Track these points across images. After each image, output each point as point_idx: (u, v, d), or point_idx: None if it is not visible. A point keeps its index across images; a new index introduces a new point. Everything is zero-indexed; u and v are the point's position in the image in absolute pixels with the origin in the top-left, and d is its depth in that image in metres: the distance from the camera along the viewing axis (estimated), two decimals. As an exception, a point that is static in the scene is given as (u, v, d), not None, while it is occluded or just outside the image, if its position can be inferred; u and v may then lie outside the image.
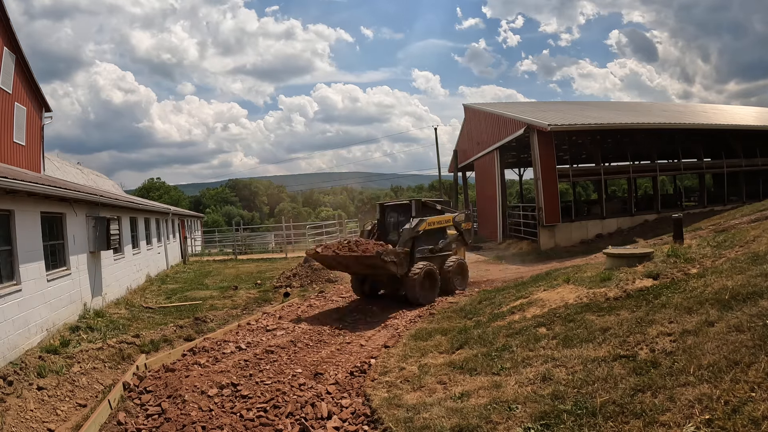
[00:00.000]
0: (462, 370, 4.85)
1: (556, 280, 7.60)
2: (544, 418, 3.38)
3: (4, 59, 13.50)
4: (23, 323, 6.56)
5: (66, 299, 8.23)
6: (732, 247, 6.53)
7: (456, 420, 3.67)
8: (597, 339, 4.59)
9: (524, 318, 6.11)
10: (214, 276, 16.15)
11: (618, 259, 7.09)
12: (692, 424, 2.74)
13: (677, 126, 18.25)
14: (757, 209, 13.19)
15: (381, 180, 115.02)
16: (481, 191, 25.39)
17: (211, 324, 8.93)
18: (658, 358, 3.73)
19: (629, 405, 3.18)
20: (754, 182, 20.06)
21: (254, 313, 9.88)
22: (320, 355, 6.36)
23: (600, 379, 3.68)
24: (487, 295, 8.75)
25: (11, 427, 4.53)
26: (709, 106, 28.83)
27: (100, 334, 7.73)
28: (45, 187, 7.37)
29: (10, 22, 13.71)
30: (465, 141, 26.97)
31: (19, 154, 14.28)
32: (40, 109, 16.17)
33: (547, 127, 15.60)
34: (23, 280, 6.66)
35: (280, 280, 13.61)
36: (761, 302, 3.97)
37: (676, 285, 5.36)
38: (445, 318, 7.58)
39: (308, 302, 10.40)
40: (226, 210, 64.17)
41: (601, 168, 18.92)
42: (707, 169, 20.15)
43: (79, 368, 6.07)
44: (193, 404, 4.83)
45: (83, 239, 9.44)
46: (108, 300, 10.38)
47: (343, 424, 4.23)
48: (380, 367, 5.47)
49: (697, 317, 4.19)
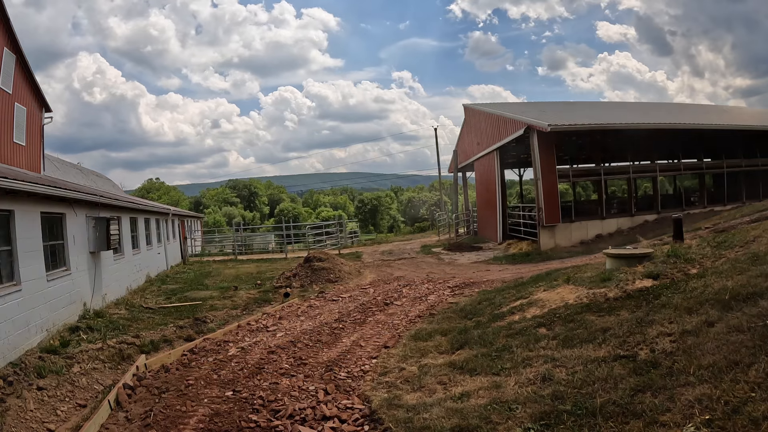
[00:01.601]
0: (462, 370, 4.85)
1: (556, 281, 7.60)
2: (544, 418, 3.38)
3: (4, 59, 13.50)
4: (23, 323, 6.56)
5: (66, 299, 8.22)
6: (732, 248, 6.53)
7: (456, 420, 3.67)
8: (597, 339, 4.59)
9: (524, 318, 6.11)
10: (214, 276, 16.14)
11: (618, 259, 7.09)
12: (692, 424, 2.74)
13: (677, 126, 18.25)
14: (757, 209, 13.20)
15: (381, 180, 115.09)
16: (481, 191, 25.39)
17: (211, 324, 8.93)
18: (658, 359, 3.73)
19: (629, 405, 3.18)
20: (754, 182, 20.07)
21: (254, 313, 9.87)
22: (320, 355, 6.36)
23: (600, 380, 3.68)
24: (487, 295, 8.74)
25: (11, 427, 4.52)
26: (709, 105, 28.84)
27: (100, 335, 7.73)
28: (45, 187, 7.37)
29: (11, 21, 13.72)
30: (465, 141, 26.97)
31: (19, 154, 14.28)
32: (40, 109, 16.18)
33: (546, 128, 15.60)
34: (23, 281, 6.66)
35: (280, 281, 13.60)
36: (761, 302, 3.97)
37: (676, 285, 5.36)
38: (445, 318, 7.58)
39: (308, 302, 10.40)
40: (227, 210, 64.21)
41: (601, 168, 18.94)
42: (707, 169, 20.16)
43: (79, 368, 6.07)
44: (192, 405, 4.83)
45: (83, 239, 9.44)
46: (108, 300, 10.38)
47: (343, 424, 4.22)
48: (380, 368, 5.47)
49: (697, 317, 4.20)
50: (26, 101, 14.97)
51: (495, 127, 20.74)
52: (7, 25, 13.63)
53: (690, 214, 17.23)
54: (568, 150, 23.37)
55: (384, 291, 11.10)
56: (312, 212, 68.38)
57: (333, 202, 77.25)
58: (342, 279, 13.27)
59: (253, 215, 67.91)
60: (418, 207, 59.54)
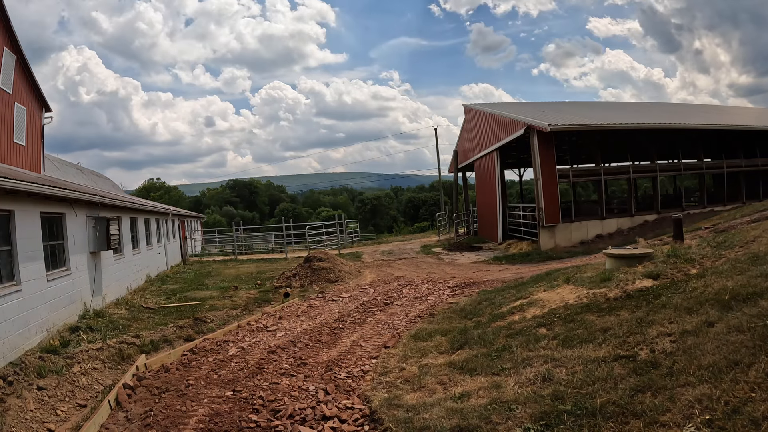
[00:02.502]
0: (462, 370, 4.85)
1: (556, 281, 7.60)
2: (544, 418, 3.38)
3: (5, 59, 13.51)
4: (23, 323, 6.56)
5: (66, 299, 8.22)
6: (732, 248, 6.53)
7: (456, 420, 3.67)
8: (597, 339, 4.59)
9: (524, 318, 6.11)
10: (214, 276, 16.14)
11: (618, 259, 7.09)
12: (692, 424, 2.74)
13: (677, 126, 18.25)
14: (757, 209, 13.21)
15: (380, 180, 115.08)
16: (481, 192, 25.39)
17: (211, 324, 8.93)
18: (658, 359, 3.73)
19: (629, 405, 3.18)
20: (754, 183, 20.07)
21: (254, 313, 9.88)
22: (320, 355, 6.36)
23: (600, 380, 3.68)
24: (487, 295, 8.75)
25: (11, 427, 4.53)
26: (709, 105, 28.84)
27: (100, 335, 7.73)
28: (45, 187, 7.37)
29: (11, 22, 13.73)
30: (465, 141, 26.98)
31: (19, 155, 14.29)
32: (40, 109, 16.19)
33: (547, 128, 15.60)
34: (23, 281, 6.66)
35: (280, 281, 13.60)
36: (761, 302, 3.97)
37: (676, 285, 5.36)
38: (445, 318, 7.58)
39: (308, 302, 10.40)
40: (227, 210, 64.25)
41: (601, 168, 18.91)
42: (707, 169, 20.14)
43: (79, 368, 6.07)
44: (192, 405, 4.83)
45: (83, 239, 9.44)
46: (108, 300, 10.38)
47: (343, 424, 4.23)
48: (380, 368, 5.47)
49: (697, 317, 4.20)
50: (26, 101, 14.97)
51: (495, 127, 20.74)
52: (7, 25, 13.64)
53: (690, 214, 17.23)
54: (569, 150, 23.39)
55: (384, 291, 11.11)
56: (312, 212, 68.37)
57: (333, 202, 77.27)
58: (342, 279, 13.27)
59: (253, 215, 67.93)
60: (418, 207, 59.55)
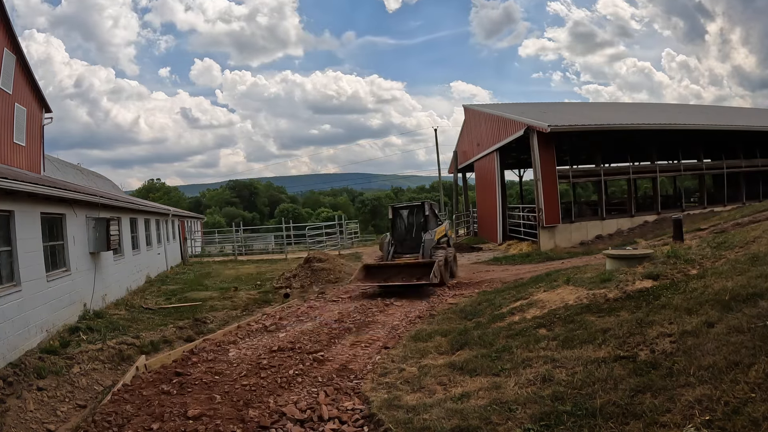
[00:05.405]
0: (462, 371, 4.84)
1: (556, 281, 7.60)
2: (544, 419, 3.38)
3: (5, 60, 13.51)
4: (23, 324, 6.56)
5: (66, 300, 8.22)
6: (732, 248, 6.54)
7: (456, 421, 3.66)
8: (597, 340, 4.59)
9: (524, 319, 6.11)
10: (214, 277, 16.14)
11: (618, 260, 7.09)
12: (692, 424, 2.74)
13: (677, 126, 18.26)
14: (757, 210, 13.21)
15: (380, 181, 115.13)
16: (481, 192, 25.40)
17: (210, 325, 8.93)
18: (658, 359, 3.73)
19: (629, 406, 3.19)
20: (754, 183, 20.07)
21: (254, 314, 9.87)
22: (320, 356, 6.36)
23: (600, 380, 3.68)
24: (487, 296, 8.75)
25: (11, 427, 4.52)
26: (709, 106, 28.86)
27: (100, 335, 7.73)
28: (45, 188, 7.37)
29: (11, 22, 13.74)
30: (465, 142, 26.99)
31: (19, 155, 14.28)
32: (41, 110, 16.19)
33: (546, 128, 15.61)
34: (23, 281, 6.66)
35: (280, 281, 13.61)
36: (761, 303, 3.97)
37: (676, 286, 5.36)
38: (445, 319, 7.57)
39: (308, 303, 10.40)
40: (227, 211, 64.25)
41: (601, 169, 18.92)
42: (707, 170, 20.15)
43: (79, 369, 6.06)
44: (192, 405, 4.83)
45: (83, 240, 9.44)
46: (108, 301, 10.38)
47: (343, 425, 4.22)
48: (380, 369, 5.46)
49: (697, 318, 4.20)
50: (26, 102, 14.98)
51: (495, 127, 20.75)
52: (7, 25, 13.64)
53: (690, 215, 17.24)
54: (568, 150, 23.38)
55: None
56: (312, 213, 68.34)
57: (333, 203, 77.23)
58: (342, 280, 13.27)
59: (253, 216, 67.90)
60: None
